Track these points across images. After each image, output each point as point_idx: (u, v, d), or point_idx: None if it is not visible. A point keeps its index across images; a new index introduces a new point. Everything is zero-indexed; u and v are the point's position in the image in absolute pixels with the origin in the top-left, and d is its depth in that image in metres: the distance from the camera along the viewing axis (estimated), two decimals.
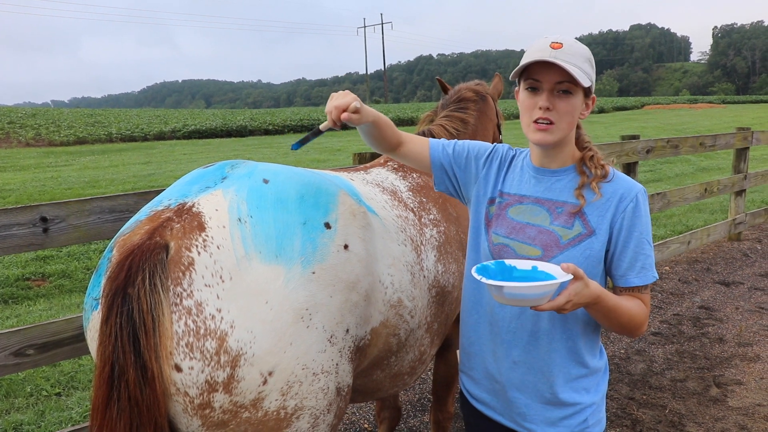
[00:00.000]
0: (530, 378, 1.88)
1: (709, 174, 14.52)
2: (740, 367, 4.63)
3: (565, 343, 1.85)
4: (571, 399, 1.87)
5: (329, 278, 1.74)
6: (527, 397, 1.89)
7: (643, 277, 1.77)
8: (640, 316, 1.76)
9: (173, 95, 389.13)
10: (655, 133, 24.61)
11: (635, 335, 1.81)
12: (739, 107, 56.68)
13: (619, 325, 1.74)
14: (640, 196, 1.78)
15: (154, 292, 1.54)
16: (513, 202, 1.91)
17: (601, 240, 1.77)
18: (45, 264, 7.51)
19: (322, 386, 1.73)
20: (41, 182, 13.31)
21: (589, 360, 1.88)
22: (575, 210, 1.79)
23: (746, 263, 7.44)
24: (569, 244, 1.78)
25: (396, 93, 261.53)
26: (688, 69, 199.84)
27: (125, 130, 30.12)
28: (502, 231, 1.90)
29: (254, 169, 1.86)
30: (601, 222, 1.77)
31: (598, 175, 1.80)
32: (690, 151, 7.13)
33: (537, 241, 1.82)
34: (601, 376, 1.94)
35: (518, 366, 1.89)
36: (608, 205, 1.78)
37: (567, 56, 1.70)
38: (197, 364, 1.56)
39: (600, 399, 1.93)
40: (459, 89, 3.33)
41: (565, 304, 1.56)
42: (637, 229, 1.76)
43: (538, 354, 1.86)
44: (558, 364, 1.86)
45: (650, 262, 1.78)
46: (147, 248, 1.60)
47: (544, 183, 1.87)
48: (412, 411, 4.06)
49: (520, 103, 1.82)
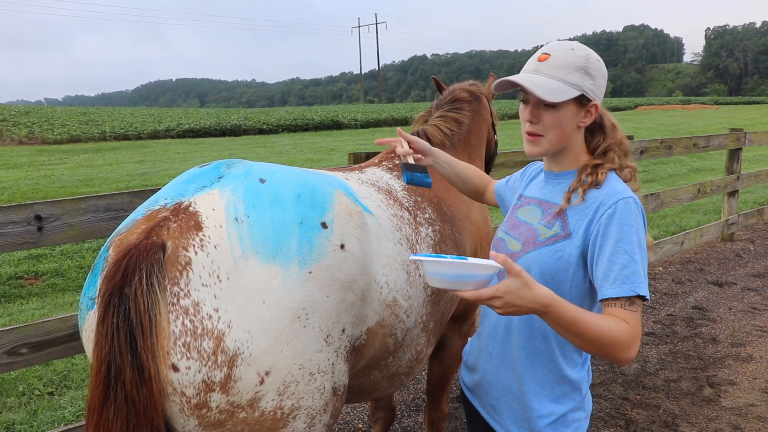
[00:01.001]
0: (501, 372, 1.91)
1: (703, 175, 14.58)
2: (733, 367, 4.65)
3: (541, 342, 1.83)
4: (540, 404, 1.84)
5: (326, 278, 1.74)
6: (497, 392, 1.93)
7: (617, 289, 1.59)
8: (618, 334, 1.52)
9: (167, 94, 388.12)
10: (648, 133, 24.68)
11: (618, 359, 1.56)
12: (731, 108, 56.97)
13: (589, 343, 1.53)
14: (620, 203, 1.68)
15: (151, 291, 1.53)
16: (524, 203, 1.99)
17: (575, 244, 1.73)
18: (38, 262, 7.48)
19: (318, 386, 1.73)
20: (34, 180, 13.25)
21: (565, 366, 1.84)
22: (558, 211, 1.81)
23: (739, 264, 7.47)
24: (543, 243, 1.79)
25: (390, 93, 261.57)
26: (681, 70, 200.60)
27: (119, 128, 30.02)
28: (504, 227, 2.00)
29: (250, 169, 1.85)
30: (579, 227, 1.74)
31: (588, 182, 1.79)
32: (683, 151, 7.16)
33: (522, 236, 1.87)
34: (582, 394, 1.88)
35: (492, 358, 1.94)
36: (588, 211, 1.74)
37: (549, 69, 1.72)
38: (194, 364, 1.55)
39: (571, 410, 1.86)
40: (453, 89, 3.33)
41: (493, 300, 1.46)
42: (612, 237, 1.64)
43: (510, 349, 1.88)
44: (528, 364, 1.85)
45: (627, 273, 1.59)
46: (144, 248, 1.59)
47: (549, 186, 1.92)
48: (407, 411, 4.06)
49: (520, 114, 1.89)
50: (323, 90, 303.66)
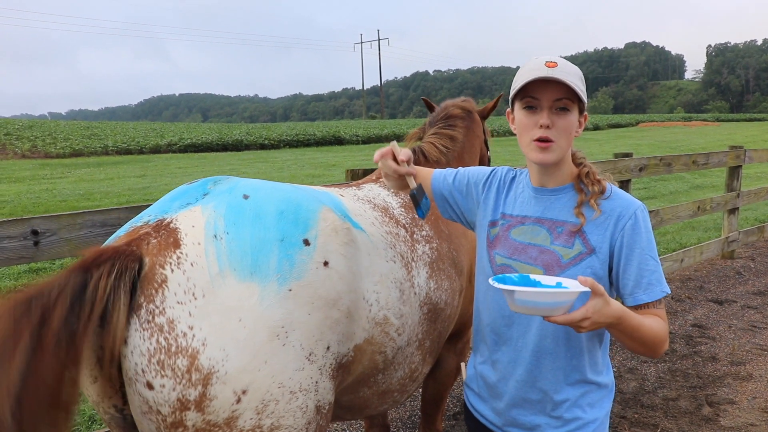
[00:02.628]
0: (533, 396, 1.89)
1: (703, 192, 14.55)
2: (733, 386, 4.60)
3: (569, 362, 1.84)
4: (573, 415, 1.86)
5: (307, 295, 1.71)
6: (531, 414, 1.90)
7: (651, 294, 1.73)
8: (662, 332, 1.71)
9: (170, 109, 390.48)
10: (649, 150, 24.70)
11: (658, 353, 1.74)
12: (733, 125, 57.08)
13: (643, 345, 1.68)
14: (638, 212, 1.77)
15: (116, 288, 1.49)
16: (515, 223, 1.92)
17: (601, 258, 1.77)
18: (38, 276, 7.47)
19: (300, 405, 1.70)
20: (36, 194, 13.29)
21: (593, 377, 1.88)
22: (575, 229, 1.79)
23: (739, 281, 7.43)
24: (570, 263, 1.78)
25: (392, 109, 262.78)
26: (682, 87, 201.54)
27: (121, 142, 30.20)
28: (504, 252, 1.91)
29: (236, 185, 1.84)
30: (601, 240, 1.77)
31: (595, 191, 1.79)
32: (683, 169, 7.15)
33: (538, 261, 1.82)
34: (606, 393, 1.93)
35: (521, 385, 1.90)
36: (607, 224, 1.77)
37: (563, 74, 1.70)
38: (168, 382, 1.53)
39: (604, 416, 1.91)
40: (446, 106, 3.34)
41: (581, 321, 1.51)
42: (639, 245, 1.74)
43: (540, 373, 1.86)
44: (561, 383, 1.86)
45: (656, 277, 1.74)
46: (122, 251, 1.57)
47: (543, 202, 1.87)
48: (403, 428, 4.01)
49: (518, 123, 1.81)
50: (325, 105, 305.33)
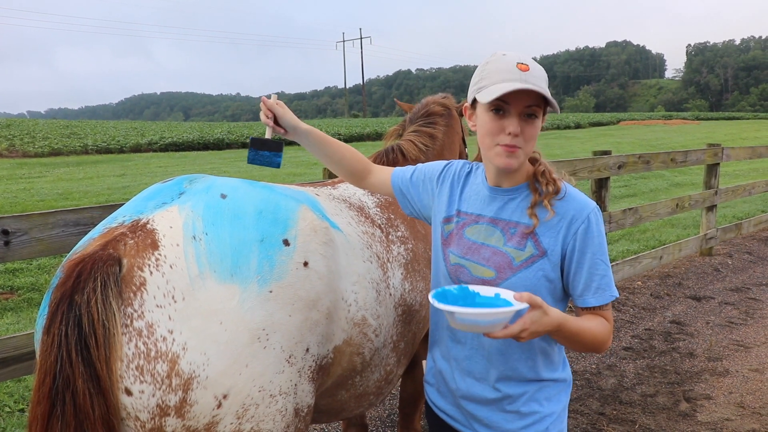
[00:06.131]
0: (489, 394, 1.88)
1: (683, 189, 14.70)
2: (710, 381, 4.66)
3: (525, 363, 1.85)
4: (530, 409, 1.87)
5: (288, 297, 1.70)
6: (488, 410, 1.90)
7: (600, 298, 1.75)
8: (603, 334, 1.75)
9: (151, 107, 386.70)
10: (630, 148, 24.87)
11: (600, 352, 1.81)
12: (712, 123, 57.62)
13: (583, 346, 1.74)
14: (592, 216, 1.76)
15: (106, 302, 1.47)
16: (470, 221, 1.90)
17: (553, 261, 1.76)
18: (14, 277, 7.37)
19: (279, 408, 1.69)
20: (13, 194, 13.10)
21: (548, 375, 1.89)
22: (528, 231, 1.78)
23: (717, 278, 7.52)
24: (522, 266, 1.77)
25: (375, 107, 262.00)
26: (663, 86, 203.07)
27: (101, 141, 29.82)
28: (458, 251, 1.89)
29: (213, 184, 1.81)
30: (554, 243, 1.76)
31: (549, 191, 1.77)
32: (661, 166, 7.22)
33: (491, 262, 1.81)
34: (563, 387, 1.94)
35: (478, 382, 1.90)
36: (560, 226, 1.76)
37: (535, 79, 1.67)
38: (148, 388, 1.50)
39: (561, 409, 1.92)
40: (426, 103, 3.33)
41: (520, 333, 1.53)
42: (590, 250, 1.74)
43: (496, 371, 1.86)
44: (516, 380, 1.86)
45: (606, 281, 1.76)
46: (100, 258, 1.54)
47: (498, 202, 1.85)
48: (381, 427, 4.02)
49: (482, 125, 1.75)
50: (308, 104, 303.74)
